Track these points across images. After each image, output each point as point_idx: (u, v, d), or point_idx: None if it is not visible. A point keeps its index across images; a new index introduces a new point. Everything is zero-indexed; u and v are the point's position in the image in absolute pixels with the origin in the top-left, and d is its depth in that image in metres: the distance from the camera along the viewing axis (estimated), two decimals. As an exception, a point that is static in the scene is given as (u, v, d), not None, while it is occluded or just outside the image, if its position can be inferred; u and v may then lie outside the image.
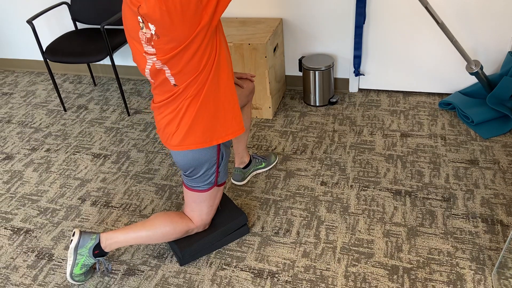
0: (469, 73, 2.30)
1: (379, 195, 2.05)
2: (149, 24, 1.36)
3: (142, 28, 1.40)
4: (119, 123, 2.81)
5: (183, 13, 1.30)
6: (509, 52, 2.40)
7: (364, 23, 2.57)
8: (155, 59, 1.43)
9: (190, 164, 1.64)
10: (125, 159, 2.48)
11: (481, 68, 2.28)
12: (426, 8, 2.03)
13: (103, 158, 2.51)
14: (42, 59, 3.52)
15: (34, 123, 2.90)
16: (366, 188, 2.09)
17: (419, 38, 2.55)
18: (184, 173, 1.70)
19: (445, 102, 2.56)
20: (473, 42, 2.46)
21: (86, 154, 2.56)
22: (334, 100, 2.75)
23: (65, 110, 3.01)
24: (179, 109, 1.53)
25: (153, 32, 1.37)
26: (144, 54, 1.45)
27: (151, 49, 1.42)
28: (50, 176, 2.41)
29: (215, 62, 1.47)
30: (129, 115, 2.88)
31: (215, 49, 1.45)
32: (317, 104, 2.76)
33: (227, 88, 1.55)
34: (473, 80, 2.58)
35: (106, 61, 3.33)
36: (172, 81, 1.48)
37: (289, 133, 2.54)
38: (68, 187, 2.32)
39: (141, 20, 1.38)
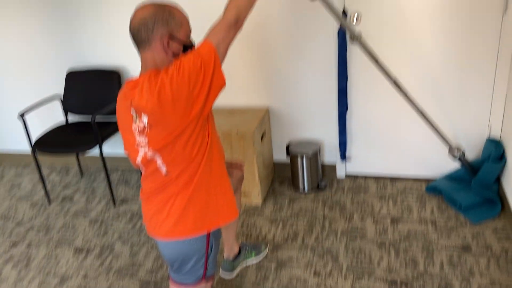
0: (452, 158, 2.36)
1: (374, 286, 1.97)
2: (142, 115, 1.40)
3: (135, 121, 1.43)
4: (104, 214, 2.75)
5: (174, 103, 1.34)
6: (488, 139, 2.50)
7: (347, 111, 2.68)
8: (147, 149, 1.45)
9: (178, 256, 1.57)
10: (109, 252, 2.39)
11: (464, 153, 2.35)
12: (377, 64, 2.09)
13: (85, 252, 2.41)
14: (30, 151, 3.53)
15: (17, 217, 2.82)
16: (360, 279, 2.02)
17: (401, 124, 2.65)
18: (171, 266, 1.63)
19: (432, 187, 2.58)
20: (453, 129, 2.56)
21: (68, 248, 2.46)
22: (323, 185, 2.76)
23: (49, 202, 2.95)
24: (169, 197, 1.51)
25: (146, 124, 1.40)
26: (136, 145, 1.47)
27: (143, 140, 1.44)
28: (29, 273, 2.29)
29: (207, 149, 1.48)
30: (115, 205, 2.83)
31: (207, 137, 1.48)
32: (306, 190, 2.77)
33: (219, 174, 1.55)
34: (458, 164, 2.64)
35: (95, 151, 3.35)
36: (164, 170, 1.48)
37: (279, 220, 2.50)
38: (47, 285, 2.19)
39: (134, 113, 1.42)
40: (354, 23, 2.37)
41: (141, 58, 1.45)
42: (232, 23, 1.42)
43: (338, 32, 2.46)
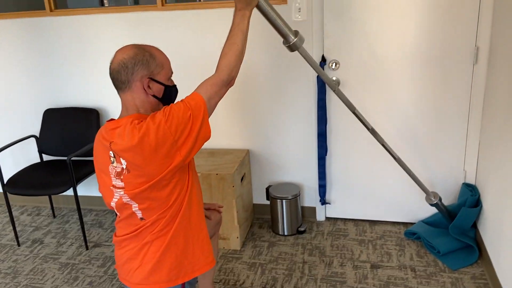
0: (429, 204, 2.39)
1: (355, 335, 1.91)
2: (121, 159, 1.36)
3: (112, 162, 1.40)
4: (75, 258, 2.63)
5: (157, 151, 1.32)
6: (463, 183, 2.55)
7: (326, 155, 2.70)
8: (122, 193, 1.41)
9: None
10: (79, 299, 2.27)
11: (440, 199, 2.38)
12: (354, 114, 2.11)
13: (54, 299, 2.28)
14: (1, 191, 3.41)
15: (-19, 260, 2.67)
16: (341, 328, 1.96)
17: (379, 169, 2.68)
18: None
19: (410, 232, 2.59)
20: (429, 175, 2.61)
21: (36, 295, 2.33)
22: (303, 229, 2.73)
23: (18, 245, 2.82)
24: (144, 244, 1.45)
25: (124, 167, 1.37)
26: (111, 187, 1.43)
27: (119, 183, 1.40)
28: (-10, 323, 2.14)
29: (186, 197, 1.45)
30: (87, 249, 2.72)
31: (186, 185, 1.45)
32: (286, 233, 2.73)
33: (197, 223, 1.51)
34: (435, 209, 2.67)
35: (68, 191, 3.26)
36: (139, 215, 1.43)
37: (257, 265, 2.44)
38: (9, 336, 2.05)
39: (112, 155, 1.39)
40: (333, 68, 2.44)
41: (122, 100, 1.43)
42: (225, 82, 1.43)
43: (318, 77, 2.53)
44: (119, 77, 1.38)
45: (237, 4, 1.49)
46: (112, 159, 1.40)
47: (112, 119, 1.44)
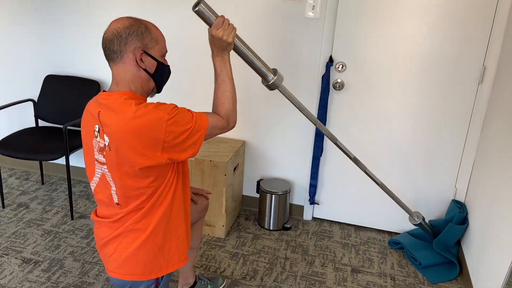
0: (413, 224, 2.40)
1: (327, 335, 1.93)
2: (105, 135, 1.33)
3: (96, 137, 1.36)
4: (59, 227, 2.63)
5: (142, 138, 1.29)
6: (453, 200, 2.56)
7: (321, 155, 2.71)
8: (105, 169, 1.38)
9: (125, 285, 1.50)
10: (58, 267, 2.26)
11: (423, 219, 2.40)
12: (336, 145, 2.09)
13: (33, 264, 2.28)
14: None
15: (-36, 217, 2.66)
16: (314, 326, 1.97)
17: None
18: None
19: (394, 241, 2.61)
20: (420, 187, 2.62)
21: (15, 257, 2.32)
22: (288, 225, 2.74)
23: (3, 206, 2.80)
24: (119, 233, 1.43)
25: (107, 144, 1.33)
26: (95, 162, 1.41)
27: (101, 159, 1.38)
28: (-34, 280, 2.13)
29: (169, 197, 1.43)
30: (72, 219, 2.71)
31: (170, 184, 1.42)
32: (271, 228, 2.74)
33: (177, 221, 1.50)
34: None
35: (60, 160, 3.24)
36: (115, 200, 1.41)
37: (240, 255, 2.45)
38: (-16, 295, 2.04)
39: (97, 129, 1.35)
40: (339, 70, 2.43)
41: (113, 73, 1.39)
42: (229, 128, 1.48)
43: (323, 76, 2.52)
44: (112, 46, 1.33)
45: (213, 50, 1.47)
46: (96, 133, 1.36)
47: (105, 91, 1.41)
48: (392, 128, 2.56)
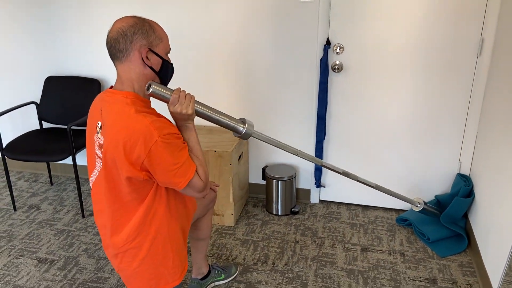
0: (416, 211, 2.43)
1: (341, 314, 1.97)
2: (101, 134, 1.38)
3: (98, 133, 1.40)
4: (71, 225, 2.67)
5: (127, 152, 1.31)
6: (458, 174, 2.58)
7: (324, 139, 2.72)
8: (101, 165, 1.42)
9: None
10: (73, 265, 2.31)
11: (425, 203, 2.42)
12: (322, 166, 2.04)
13: (48, 263, 2.32)
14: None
15: (-23, 222, 2.71)
16: (328, 306, 2.01)
17: (375, 155, 2.71)
18: None
19: (402, 218, 2.63)
20: (425, 162, 2.64)
21: (31, 258, 2.37)
22: (296, 210, 2.77)
23: (15, 209, 2.85)
24: (117, 252, 1.49)
25: (102, 142, 1.37)
26: (96, 156, 1.44)
27: (100, 154, 1.41)
28: (-14, 282, 2.18)
29: (163, 220, 1.46)
30: (83, 217, 2.76)
31: (158, 201, 1.44)
32: (279, 213, 2.77)
33: (174, 232, 1.52)
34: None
35: (67, 160, 3.28)
36: (106, 205, 1.45)
37: (250, 242, 2.49)
38: (4, 296, 2.09)
39: (99, 125, 1.39)
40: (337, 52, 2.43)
41: (118, 72, 1.40)
42: (203, 188, 1.43)
43: (321, 59, 2.53)
44: (117, 45, 1.35)
45: (176, 122, 1.46)
46: (97, 129, 1.40)
47: (112, 87, 1.44)
48: (394, 106, 2.57)
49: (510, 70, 2.00)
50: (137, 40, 1.35)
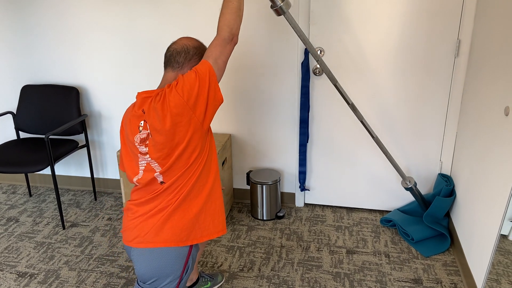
0: (404, 188, 2.44)
1: (328, 318, 1.96)
2: (147, 125, 1.49)
3: (140, 132, 1.51)
4: (51, 238, 2.60)
5: (172, 112, 1.44)
6: (439, 173, 2.61)
7: (307, 142, 2.72)
8: (148, 157, 1.51)
9: (154, 274, 1.56)
10: (54, 278, 2.25)
11: (415, 184, 2.44)
12: (335, 87, 2.15)
13: (28, 277, 2.26)
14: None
15: (-47, 237, 2.62)
16: (315, 310, 2.01)
17: (358, 157, 2.72)
18: (144, 282, 1.60)
19: (386, 219, 2.65)
20: (406, 164, 2.66)
21: (10, 272, 2.30)
22: (281, 214, 2.76)
23: (-8, 222, 2.77)
24: (161, 207, 1.53)
25: (149, 131, 1.47)
26: (138, 154, 1.53)
27: (144, 149, 1.51)
28: (-38, 300, 2.11)
29: (205, 162, 1.56)
30: (64, 228, 2.69)
31: (206, 150, 1.55)
32: (265, 218, 2.76)
33: (213, 190, 1.62)
34: (410, 198, 2.73)
35: (45, 170, 3.20)
36: (160, 179, 1.52)
37: (236, 248, 2.47)
38: (-19, 313, 2.02)
39: (142, 124, 1.51)
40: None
41: (164, 76, 1.59)
42: (226, 40, 1.55)
43: (302, 63, 2.53)
44: (178, 57, 1.56)
45: None
46: (140, 128, 1.52)
47: (143, 91, 1.56)
48: (374, 108, 2.59)
49: (486, 70, 2.03)
50: (194, 60, 1.57)
